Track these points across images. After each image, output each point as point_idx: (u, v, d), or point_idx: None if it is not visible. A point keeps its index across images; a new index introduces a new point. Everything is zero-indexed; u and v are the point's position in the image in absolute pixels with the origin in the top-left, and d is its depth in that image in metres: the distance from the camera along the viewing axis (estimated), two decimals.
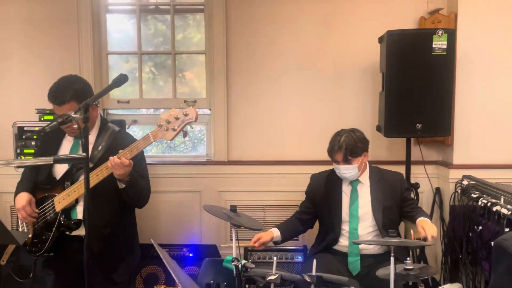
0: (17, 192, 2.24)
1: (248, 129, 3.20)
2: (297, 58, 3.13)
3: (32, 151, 2.85)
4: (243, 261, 1.99)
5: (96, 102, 2.10)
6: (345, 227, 2.37)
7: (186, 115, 1.93)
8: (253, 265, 2.01)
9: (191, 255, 2.91)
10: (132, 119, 3.29)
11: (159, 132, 1.97)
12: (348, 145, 2.28)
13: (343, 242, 2.38)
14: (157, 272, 2.87)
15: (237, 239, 2.01)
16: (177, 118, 1.94)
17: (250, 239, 2.36)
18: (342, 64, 3.11)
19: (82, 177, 2.11)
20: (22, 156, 2.88)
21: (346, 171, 2.32)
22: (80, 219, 2.15)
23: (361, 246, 2.32)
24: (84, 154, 1.49)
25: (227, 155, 3.20)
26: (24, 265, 2.71)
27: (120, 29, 3.44)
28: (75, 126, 1.68)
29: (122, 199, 2.19)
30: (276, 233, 2.41)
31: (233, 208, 2.13)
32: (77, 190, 2.10)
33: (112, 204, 2.22)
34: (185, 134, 1.98)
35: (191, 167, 3.23)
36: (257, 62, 3.16)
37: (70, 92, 2.06)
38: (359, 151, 2.31)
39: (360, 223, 2.35)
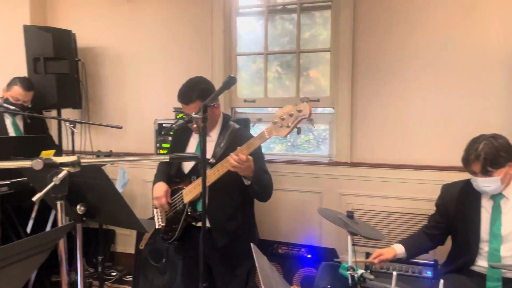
0: (155, 182, 2.47)
1: (373, 129, 3.02)
2: (432, 54, 2.83)
3: (169, 145, 3.15)
4: (360, 271, 1.88)
5: (214, 103, 2.20)
6: (484, 247, 2.05)
7: (299, 111, 1.89)
8: (372, 276, 1.88)
9: (309, 256, 2.87)
10: (257, 118, 3.39)
11: (273, 129, 1.97)
12: (488, 154, 1.95)
13: (481, 263, 2.07)
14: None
15: (353, 244, 1.92)
16: (290, 115, 1.91)
17: (369, 246, 2.21)
18: (488, 57, 2.71)
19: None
20: (160, 150, 3.21)
21: (485, 184, 2.00)
22: None
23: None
24: (197, 154, 1.55)
25: (350, 156, 3.07)
26: (160, 248, 2.99)
27: (249, 31, 3.56)
28: (195, 125, 1.78)
29: (243, 194, 2.26)
30: (399, 250, 2.22)
31: (350, 214, 2.02)
32: (201, 184, 2.23)
33: (234, 199, 2.31)
34: (299, 131, 1.94)
35: (312, 166, 3.19)
36: (386, 60, 2.95)
37: (196, 92, 2.20)
38: (502, 161, 1.96)
39: (503, 244, 2.01)
